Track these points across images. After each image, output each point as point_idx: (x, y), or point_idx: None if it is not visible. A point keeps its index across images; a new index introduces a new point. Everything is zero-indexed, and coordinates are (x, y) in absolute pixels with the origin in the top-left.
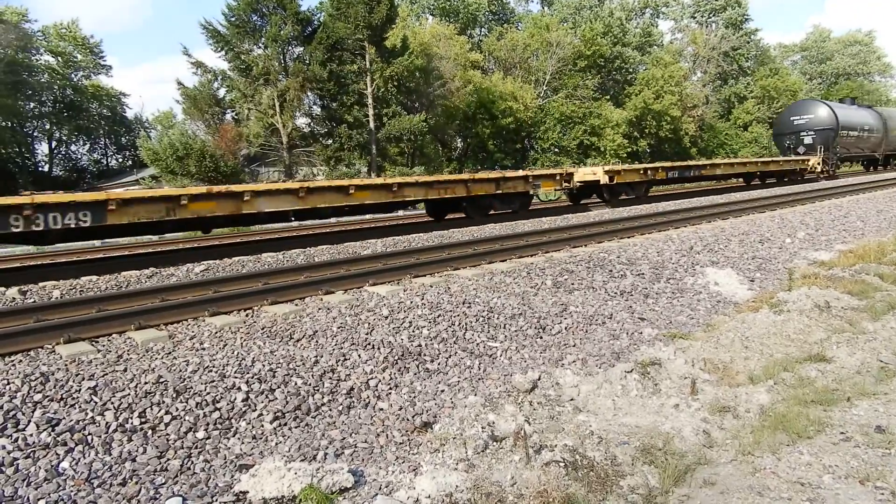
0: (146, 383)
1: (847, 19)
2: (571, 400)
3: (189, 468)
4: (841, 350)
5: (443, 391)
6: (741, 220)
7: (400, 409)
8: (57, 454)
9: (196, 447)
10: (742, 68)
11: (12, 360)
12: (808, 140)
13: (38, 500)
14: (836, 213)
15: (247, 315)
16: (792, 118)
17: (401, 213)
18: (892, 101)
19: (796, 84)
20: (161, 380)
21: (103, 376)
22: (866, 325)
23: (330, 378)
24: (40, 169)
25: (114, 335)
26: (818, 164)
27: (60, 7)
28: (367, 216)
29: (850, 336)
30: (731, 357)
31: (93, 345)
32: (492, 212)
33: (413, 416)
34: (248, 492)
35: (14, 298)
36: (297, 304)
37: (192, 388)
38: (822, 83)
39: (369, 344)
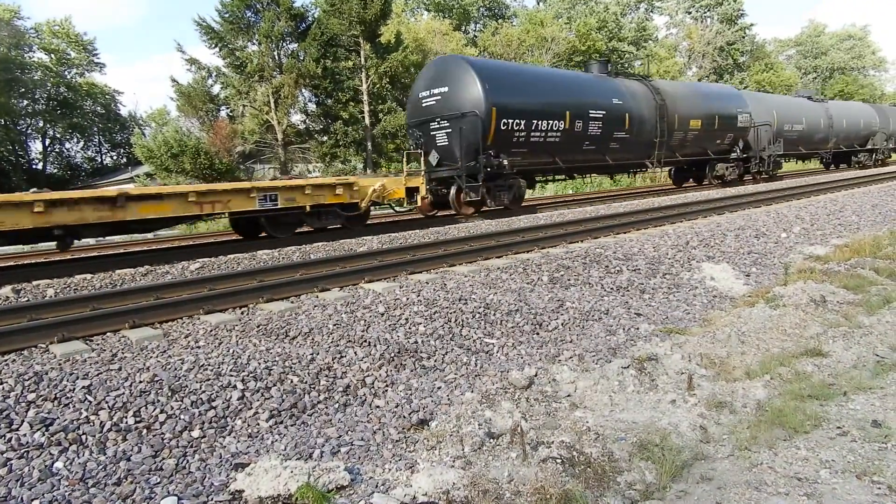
0: (141, 382)
1: (844, 14)
2: (568, 396)
3: (184, 467)
4: (837, 344)
5: (439, 388)
6: (737, 214)
7: (396, 407)
8: (51, 454)
9: (191, 446)
10: (737, 63)
11: (5, 360)
12: (441, 137)
13: (32, 500)
14: (832, 208)
15: (242, 313)
16: (421, 95)
17: None
18: (887, 96)
19: (791, 79)
20: (156, 378)
21: (97, 375)
22: (862, 319)
23: (326, 376)
24: (34, 167)
25: (108, 334)
26: (394, 188)
27: (54, 4)
28: None
29: (846, 330)
30: (728, 352)
31: (87, 343)
32: None
33: (409, 414)
34: (243, 490)
35: (7, 297)
36: (292, 302)
37: (187, 386)
38: (816, 78)
39: (365, 341)
